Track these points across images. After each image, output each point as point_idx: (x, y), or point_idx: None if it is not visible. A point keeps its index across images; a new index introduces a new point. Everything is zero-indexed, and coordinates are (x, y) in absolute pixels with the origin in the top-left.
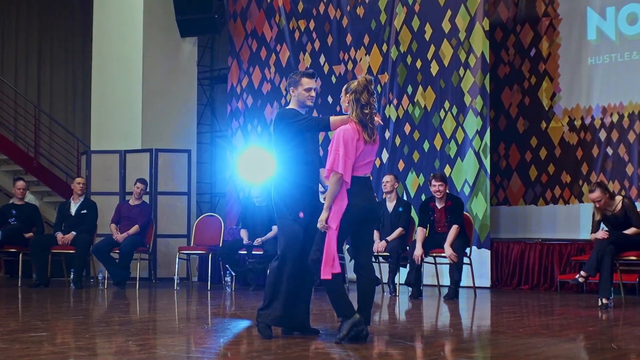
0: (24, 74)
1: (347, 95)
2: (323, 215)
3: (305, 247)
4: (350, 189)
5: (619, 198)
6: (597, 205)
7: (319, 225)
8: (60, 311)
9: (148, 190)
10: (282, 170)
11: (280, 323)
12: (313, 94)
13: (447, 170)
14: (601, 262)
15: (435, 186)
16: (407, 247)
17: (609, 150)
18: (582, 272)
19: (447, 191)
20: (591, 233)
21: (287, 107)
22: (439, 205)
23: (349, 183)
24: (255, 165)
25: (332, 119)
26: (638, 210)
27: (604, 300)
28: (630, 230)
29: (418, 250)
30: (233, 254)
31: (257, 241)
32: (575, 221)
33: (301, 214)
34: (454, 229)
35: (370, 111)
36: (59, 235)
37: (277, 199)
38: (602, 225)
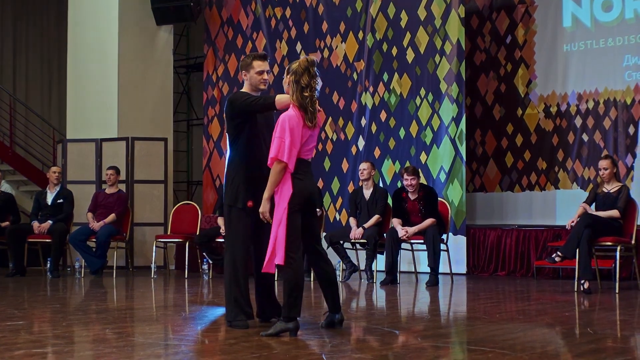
0: None
1: (288, 76)
2: (264, 207)
3: (259, 236)
4: (295, 174)
5: (620, 183)
6: (601, 175)
7: (261, 217)
8: (37, 300)
9: (124, 178)
10: (233, 155)
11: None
12: (265, 76)
13: (422, 157)
14: (578, 245)
15: (408, 180)
16: (384, 234)
17: (585, 137)
18: (559, 252)
19: (420, 182)
20: (583, 202)
21: (239, 91)
22: (411, 196)
23: (292, 169)
24: None
25: (278, 97)
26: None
27: (586, 285)
28: (607, 213)
29: (401, 231)
30: (210, 242)
31: None
32: (551, 207)
33: (250, 203)
34: (428, 221)
35: (310, 94)
36: (35, 224)
37: (225, 185)
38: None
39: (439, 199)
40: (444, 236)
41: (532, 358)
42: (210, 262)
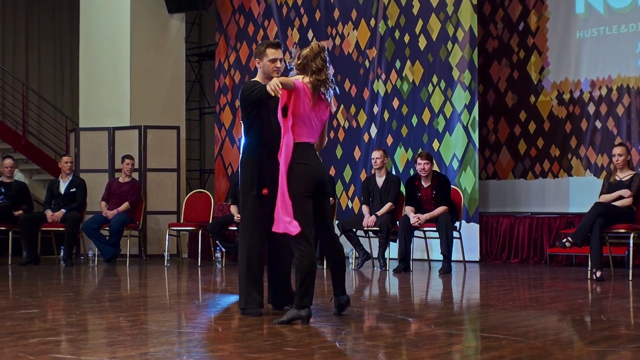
0: (11, 51)
1: (298, 61)
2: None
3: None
4: (298, 158)
5: (632, 171)
6: (615, 162)
7: (269, 87)
8: (51, 288)
9: (137, 167)
10: (248, 143)
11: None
12: (279, 64)
13: (435, 144)
14: (590, 234)
15: (421, 164)
16: (397, 222)
17: (598, 124)
18: (569, 238)
19: (433, 169)
20: (600, 194)
21: (250, 80)
22: (424, 184)
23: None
24: None
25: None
26: None
27: (597, 274)
28: (617, 193)
29: (413, 218)
30: (223, 229)
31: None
32: (565, 195)
33: (265, 191)
34: (440, 209)
35: (325, 77)
36: (49, 212)
37: (240, 173)
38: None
39: (451, 186)
40: (457, 224)
41: (545, 345)
42: (223, 250)
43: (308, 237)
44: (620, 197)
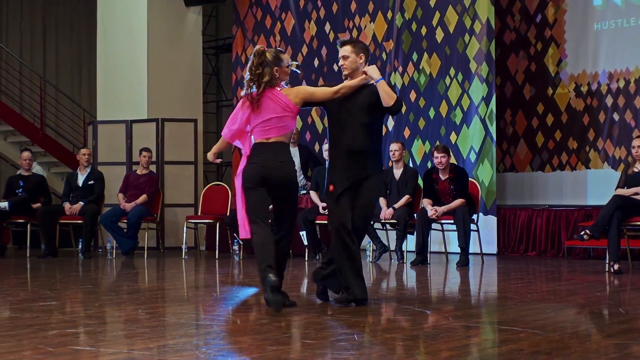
0: (29, 44)
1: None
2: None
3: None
4: (249, 157)
5: None
6: (634, 153)
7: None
8: (69, 281)
9: (155, 159)
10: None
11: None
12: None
13: (452, 137)
14: (608, 227)
15: (438, 158)
16: (415, 215)
17: (616, 116)
18: (587, 231)
19: (451, 162)
20: (616, 187)
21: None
22: (442, 177)
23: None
24: None
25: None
26: None
27: (615, 267)
28: (637, 196)
29: (430, 211)
30: None
31: None
32: (582, 187)
33: (331, 187)
34: (458, 201)
35: (248, 81)
36: (67, 205)
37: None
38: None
39: (469, 179)
40: (475, 216)
41: (564, 338)
42: (241, 242)
43: (255, 219)
44: (636, 194)
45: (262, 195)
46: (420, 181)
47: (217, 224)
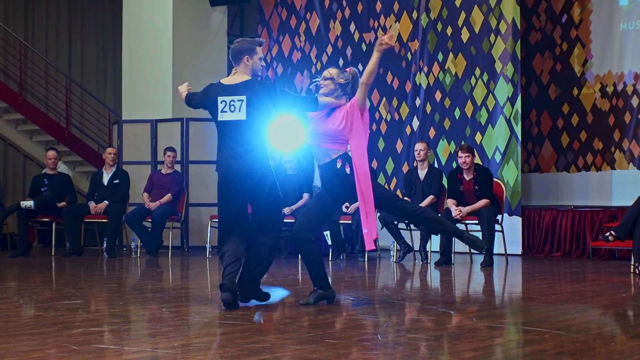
0: (54, 44)
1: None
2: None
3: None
4: None
5: None
6: None
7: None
8: (94, 279)
9: (179, 159)
10: None
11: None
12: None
13: (477, 137)
14: (633, 228)
15: (462, 157)
16: (439, 215)
17: None
18: (612, 232)
19: (476, 162)
20: None
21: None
22: (466, 177)
23: None
24: (286, 133)
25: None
26: None
27: None
28: None
29: (455, 211)
30: None
31: (286, 210)
32: (607, 188)
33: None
34: (482, 202)
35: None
36: (92, 204)
37: None
38: None
39: (494, 179)
40: (499, 217)
41: (588, 339)
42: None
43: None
44: None
45: None
46: (444, 181)
47: None
